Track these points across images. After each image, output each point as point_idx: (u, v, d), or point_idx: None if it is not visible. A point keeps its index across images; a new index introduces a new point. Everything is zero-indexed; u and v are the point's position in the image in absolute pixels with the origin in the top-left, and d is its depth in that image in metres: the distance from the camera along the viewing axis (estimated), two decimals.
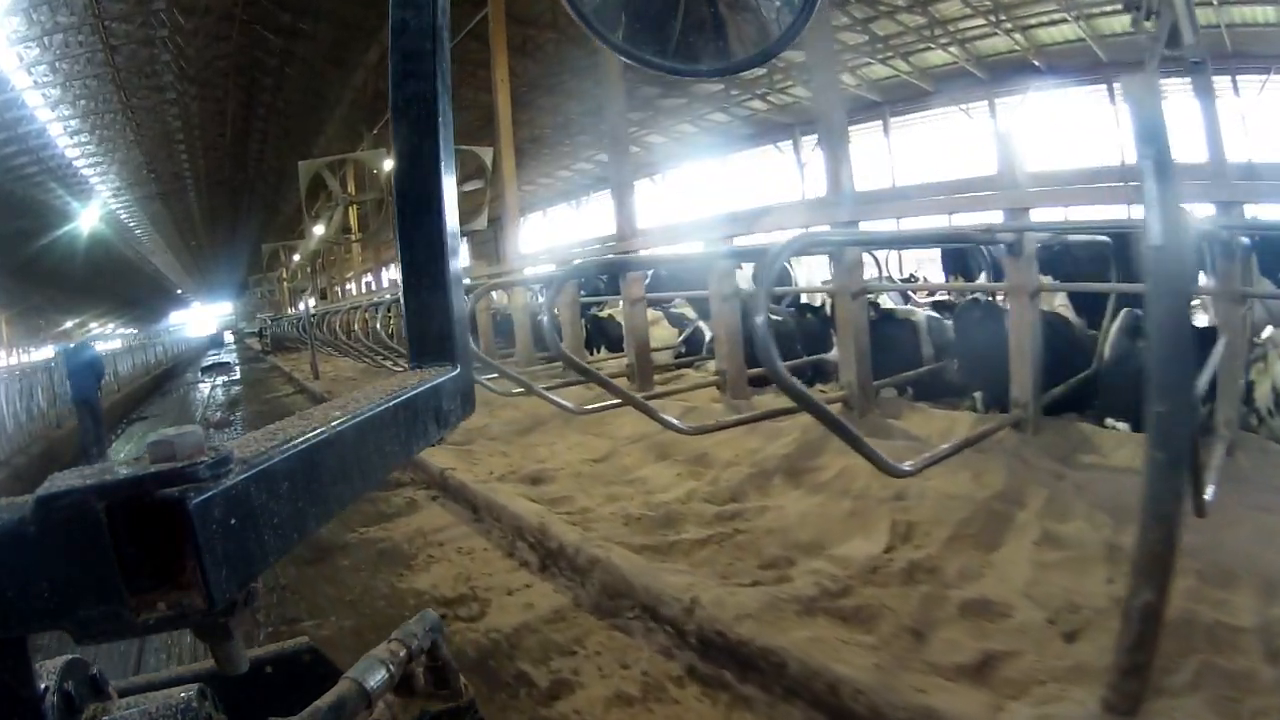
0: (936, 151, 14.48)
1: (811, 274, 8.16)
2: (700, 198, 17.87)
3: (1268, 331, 3.19)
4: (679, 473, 3.44)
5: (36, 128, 15.12)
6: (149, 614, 0.26)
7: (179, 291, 48.59)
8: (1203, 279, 2.95)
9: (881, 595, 2.03)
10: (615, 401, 3.15)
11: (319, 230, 15.76)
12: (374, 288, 17.75)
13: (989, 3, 11.50)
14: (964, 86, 13.74)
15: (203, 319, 51.51)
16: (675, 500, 3.05)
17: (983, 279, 6.98)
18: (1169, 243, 1.27)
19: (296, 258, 22.24)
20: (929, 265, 11.96)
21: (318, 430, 0.34)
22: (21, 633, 0.28)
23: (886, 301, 5.94)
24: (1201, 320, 3.42)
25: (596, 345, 6.42)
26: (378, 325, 8.00)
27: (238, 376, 17.42)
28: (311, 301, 16.65)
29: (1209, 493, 1.87)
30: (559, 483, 3.56)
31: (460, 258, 0.56)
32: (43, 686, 0.34)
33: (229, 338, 43.01)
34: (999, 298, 4.23)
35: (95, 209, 20.79)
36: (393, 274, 24.22)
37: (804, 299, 6.42)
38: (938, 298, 6.52)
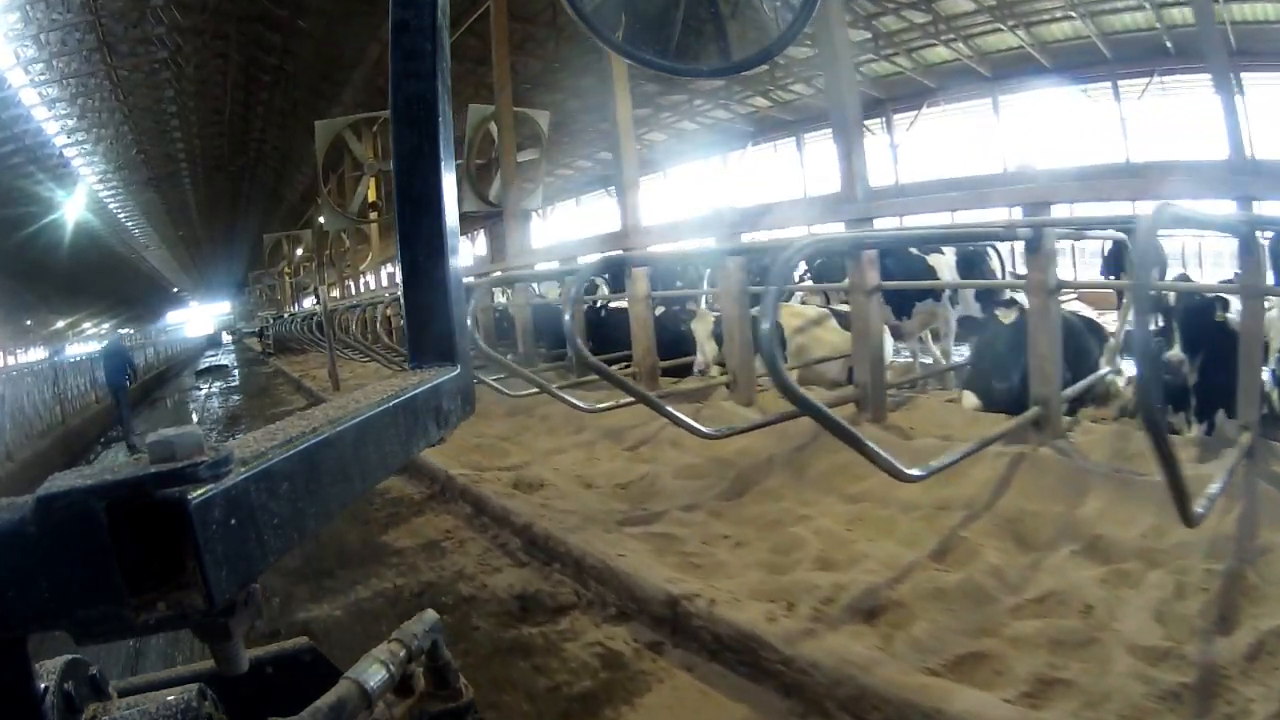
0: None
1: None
2: (704, 195, 17.70)
3: None
4: (1100, 576, 2.06)
5: (9, 94, 13.09)
6: (149, 614, 0.26)
7: (175, 290, 48.47)
8: None
9: None
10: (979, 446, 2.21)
11: (328, 215, 13.64)
12: (398, 279, 15.84)
13: (991, 0, 11.40)
14: (967, 84, 13.72)
15: (200, 319, 51.40)
16: (1194, 651, 1.71)
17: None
18: None
19: (299, 252, 20.59)
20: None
21: (318, 430, 0.34)
22: (21, 633, 0.28)
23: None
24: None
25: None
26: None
27: (237, 383, 15.64)
28: (323, 294, 13.95)
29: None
30: (923, 616, 1.95)
31: (460, 257, 0.56)
32: (43, 686, 0.34)
33: (227, 338, 42.85)
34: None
35: (81, 196, 18.97)
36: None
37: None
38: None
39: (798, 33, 0.62)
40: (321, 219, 15.54)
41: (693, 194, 18.61)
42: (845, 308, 4.82)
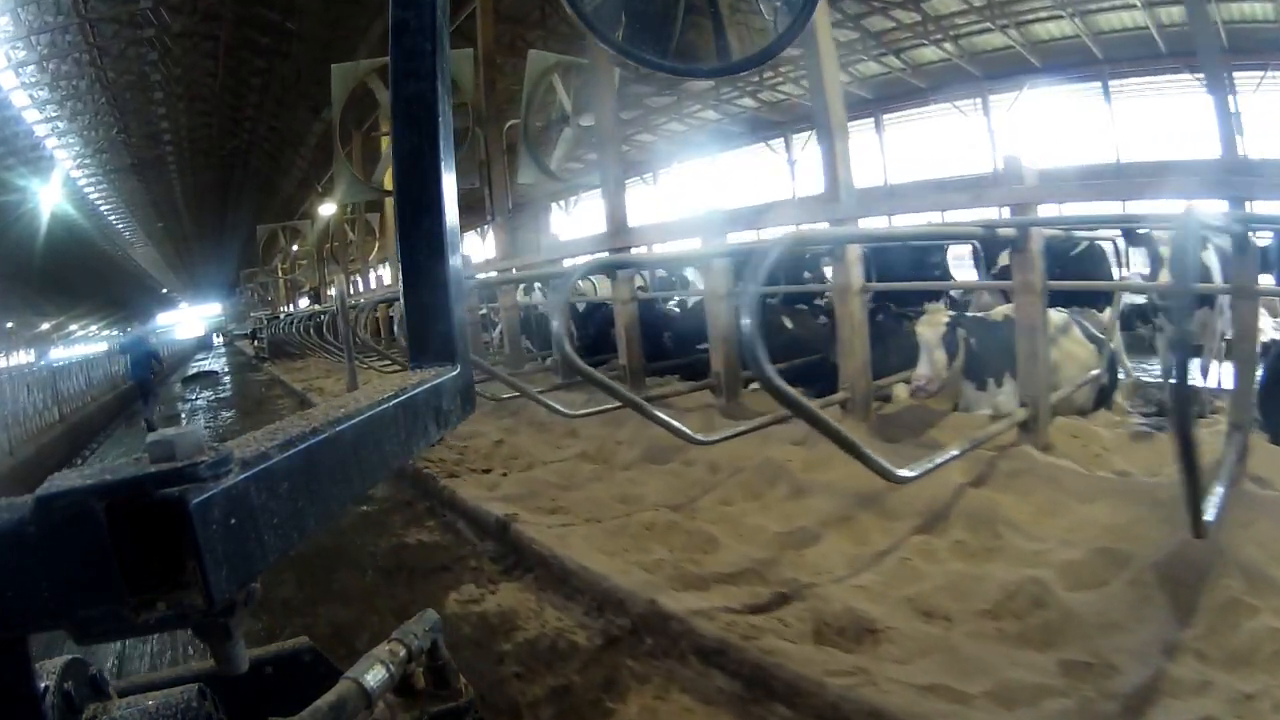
0: (931, 149, 14.71)
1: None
2: (692, 196, 17.65)
3: None
4: None
5: None
6: (149, 614, 0.26)
7: (164, 290, 48.06)
8: None
9: None
10: None
11: (329, 207, 12.25)
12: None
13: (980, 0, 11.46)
14: (958, 83, 13.81)
15: (191, 320, 50.95)
16: None
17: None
18: None
19: (295, 248, 19.44)
20: None
21: (318, 430, 0.35)
22: (21, 633, 0.28)
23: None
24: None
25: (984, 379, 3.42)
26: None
27: (229, 392, 13.92)
28: (340, 285, 10.82)
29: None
30: None
31: (460, 256, 0.56)
32: (43, 686, 0.34)
33: (218, 340, 42.46)
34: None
35: (57, 183, 17.01)
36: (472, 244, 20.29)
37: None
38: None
39: (797, 33, 0.63)
40: (322, 209, 14.43)
41: (689, 194, 18.51)
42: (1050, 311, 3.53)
